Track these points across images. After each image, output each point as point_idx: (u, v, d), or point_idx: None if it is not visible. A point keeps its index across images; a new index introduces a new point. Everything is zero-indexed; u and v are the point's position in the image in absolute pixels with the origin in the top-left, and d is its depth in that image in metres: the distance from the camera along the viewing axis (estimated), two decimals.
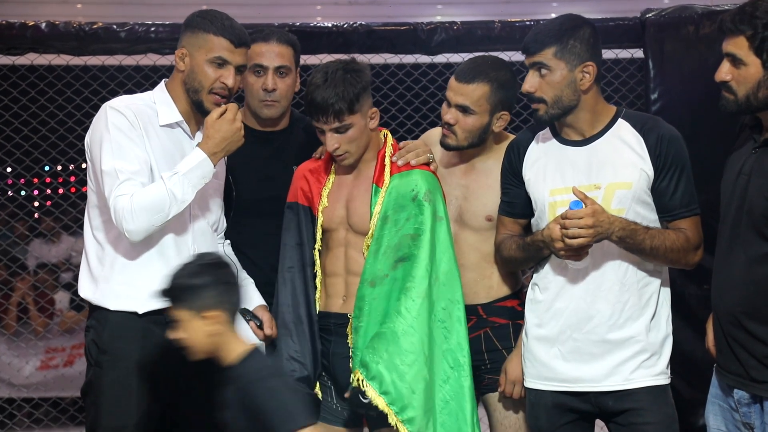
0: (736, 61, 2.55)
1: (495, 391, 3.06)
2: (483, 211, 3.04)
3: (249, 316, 2.97)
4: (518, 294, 3.10)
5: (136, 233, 2.68)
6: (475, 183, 3.07)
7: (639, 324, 2.75)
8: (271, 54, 3.15)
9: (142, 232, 2.68)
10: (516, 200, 2.95)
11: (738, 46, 2.53)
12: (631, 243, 2.68)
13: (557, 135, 2.87)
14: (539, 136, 2.92)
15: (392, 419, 2.75)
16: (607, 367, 2.75)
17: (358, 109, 2.86)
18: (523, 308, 2.99)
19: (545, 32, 2.76)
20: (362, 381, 2.76)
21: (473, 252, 3.05)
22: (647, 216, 2.76)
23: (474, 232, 3.06)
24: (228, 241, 3.12)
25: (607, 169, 2.75)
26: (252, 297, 3.03)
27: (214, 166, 2.78)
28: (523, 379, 2.94)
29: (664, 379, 2.78)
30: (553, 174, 2.84)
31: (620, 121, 2.80)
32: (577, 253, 2.68)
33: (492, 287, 3.06)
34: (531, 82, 2.77)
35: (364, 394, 2.75)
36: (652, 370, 2.75)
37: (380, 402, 2.75)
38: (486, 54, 3.27)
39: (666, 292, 2.83)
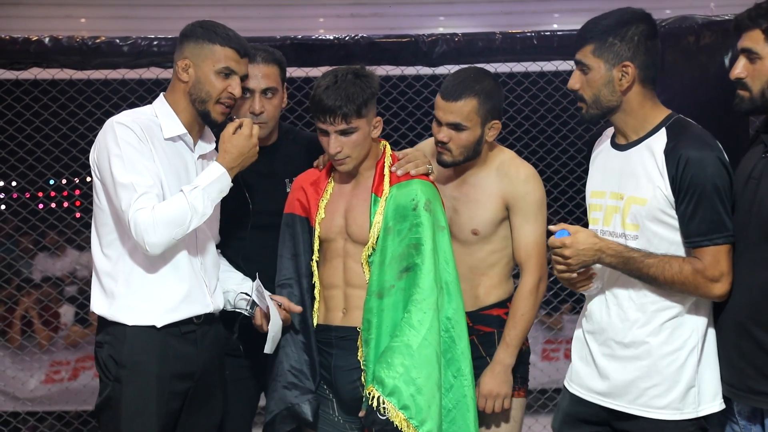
0: (751, 56, 2.55)
1: None
2: (469, 225, 3.04)
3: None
4: (506, 303, 3.10)
5: (157, 246, 2.68)
6: (464, 196, 3.08)
7: (649, 348, 2.65)
8: (258, 76, 3.12)
9: (162, 245, 2.69)
10: None
11: (754, 39, 2.54)
12: (625, 270, 2.62)
13: (613, 137, 2.81)
14: (605, 135, 2.88)
15: None
16: (613, 384, 2.70)
17: (365, 114, 2.87)
18: None
19: (588, 28, 2.69)
20: (379, 398, 2.76)
21: (461, 264, 3.02)
22: (667, 237, 2.63)
23: (461, 245, 3.05)
24: (218, 250, 3.12)
25: (631, 181, 2.67)
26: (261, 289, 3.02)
27: (231, 180, 2.80)
28: (496, 393, 2.94)
29: (671, 414, 2.64)
30: (596, 176, 2.82)
31: (662, 131, 2.66)
32: (569, 282, 2.70)
33: (477, 297, 3.07)
34: (574, 79, 2.72)
35: (380, 411, 2.75)
36: (656, 401, 2.64)
37: (399, 417, 2.75)
38: (467, 66, 3.24)
39: (694, 321, 2.65)
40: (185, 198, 2.70)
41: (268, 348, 2.95)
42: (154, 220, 2.65)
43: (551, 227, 2.70)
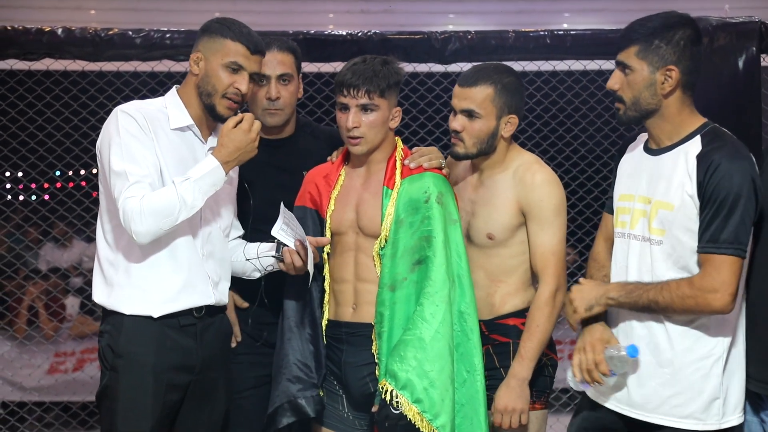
0: None
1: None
2: (484, 229, 2.97)
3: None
4: (524, 312, 2.97)
5: (144, 235, 2.68)
6: (481, 199, 3.01)
7: (672, 356, 2.61)
8: (273, 62, 3.15)
9: (149, 234, 2.68)
10: (612, 196, 2.87)
11: None
12: (629, 303, 2.62)
13: (646, 141, 2.78)
14: (639, 139, 2.84)
15: (426, 427, 2.75)
16: (635, 393, 2.66)
17: (387, 96, 2.89)
18: None
19: (633, 29, 2.65)
20: (392, 392, 2.76)
21: (478, 270, 2.97)
22: (692, 246, 2.58)
23: (479, 250, 2.99)
24: (240, 240, 3.11)
25: (660, 185, 2.63)
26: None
27: (226, 174, 2.78)
28: (511, 408, 2.86)
29: (693, 424, 2.60)
30: (626, 179, 2.79)
31: (696, 138, 2.62)
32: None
33: (494, 305, 2.98)
34: (614, 80, 2.68)
35: (393, 405, 2.75)
36: (678, 410, 2.61)
37: (413, 411, 2.74)
38: (490, 62, 3.20)
39: (720, 331, 2.61)
40: (175, 189, 2.69)
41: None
42: (141, 208, 2.65)
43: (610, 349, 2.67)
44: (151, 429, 2.75)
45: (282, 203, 2.90)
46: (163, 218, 2.67)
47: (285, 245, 2.87)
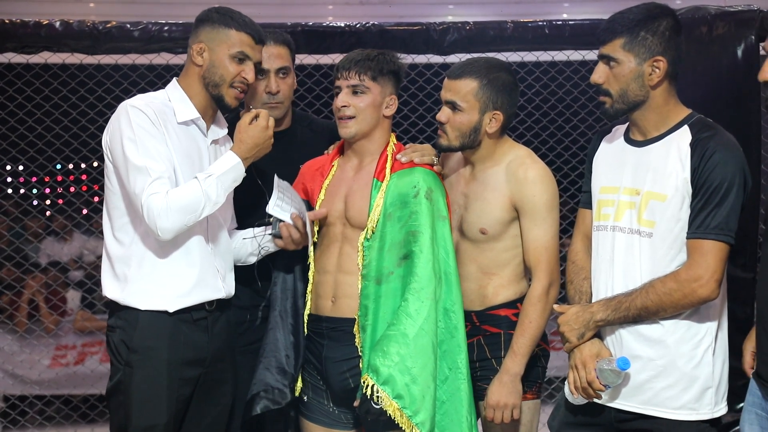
0: None
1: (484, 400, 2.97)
2: (477, 223, 2.96)
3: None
4: (516, 303, 2.97)
5: (169, 231, 2.70)
6: (473, 193, 2.99)
7: (665, 347, 2.60)
8: (271, 56, 3.16)
9: (174, 230, 2.70)
10: (588, 190, 2.86)
11: None
12: (619, 317, 2.61)
13: (627, 133, 2.77)
14: (616, 131, 2.82)
15: (405, 424, 2.74)
16: (626, 385, 2.64)
17: (380, 82, 2.91)
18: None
19: (617, 21, 2.63)
20: (373, 386, 2.75)
21: (471, 263, 2.97)
22: (682, 237, 2.59)
23: (472, 244, 2.98)
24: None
25: (649, 176, 2.62)
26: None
27: (245, 170, 2.81)
28: (503, 403, 2.86)
29: (687, 414, 2.60)
30: (607, 171, 2.76)
31: (684, 127, 2.63)
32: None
33: (486, 296, 2.98)
34: (599, 73, 2.66)
35: (374, 399, 2.74)
36: (673, 401, 2.60)
37: (393, 406, 2.73)
38: (486, 55, 3.19)
39: (707, 319, 2.62)
40: (199, 185, 2.72)
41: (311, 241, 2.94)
42: (167, 205, 2.67)
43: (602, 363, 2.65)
44: (166, 423, 2.77)
45: (276, 175, 2.91)
46: (189, 214, 2.70)
47: (281, 221, 2.89)
